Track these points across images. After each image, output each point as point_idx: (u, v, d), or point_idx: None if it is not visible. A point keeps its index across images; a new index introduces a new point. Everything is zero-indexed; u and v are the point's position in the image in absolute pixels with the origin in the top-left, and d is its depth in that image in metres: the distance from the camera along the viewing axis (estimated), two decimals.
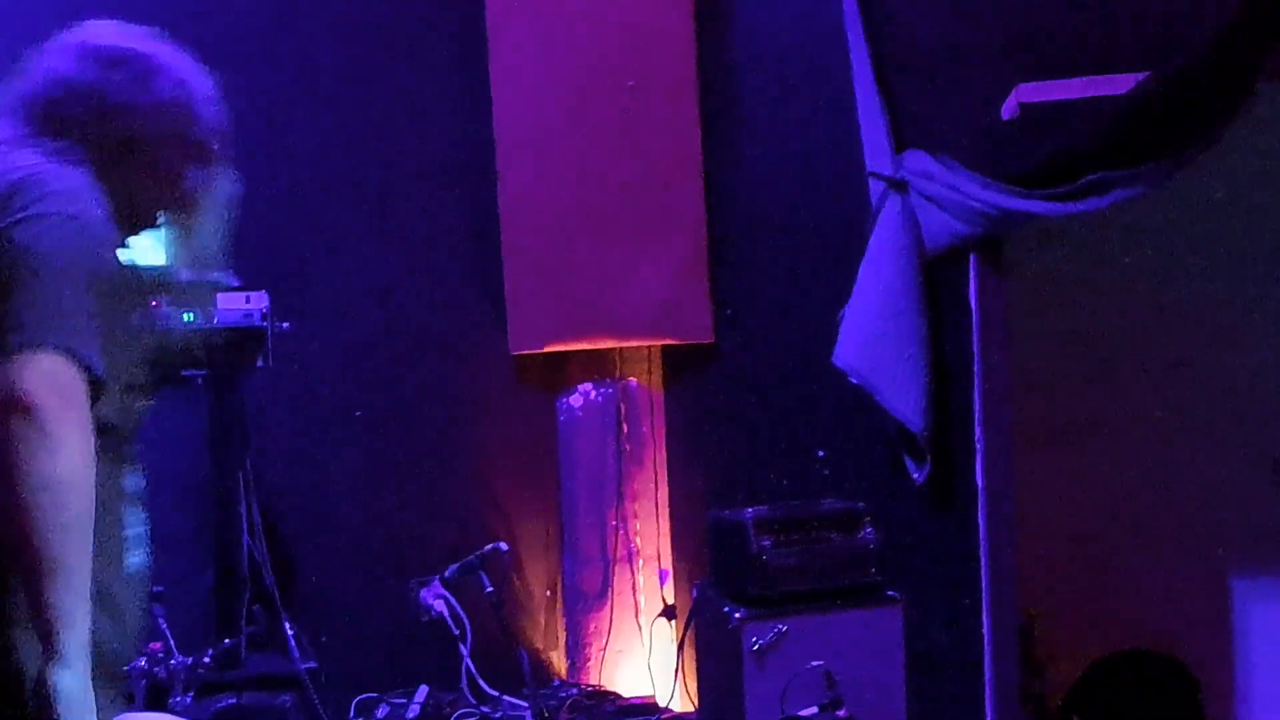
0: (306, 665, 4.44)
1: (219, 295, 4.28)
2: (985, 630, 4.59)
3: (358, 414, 5.08)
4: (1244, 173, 4.99)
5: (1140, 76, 4.07)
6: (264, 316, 4.35)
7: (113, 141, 2.33)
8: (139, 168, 2.37)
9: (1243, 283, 5.16)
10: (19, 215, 2.08)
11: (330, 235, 5.07)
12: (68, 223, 2.10)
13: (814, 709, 4.08)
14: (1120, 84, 4.14)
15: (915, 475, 4.64)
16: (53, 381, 1.93)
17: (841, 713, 4.05)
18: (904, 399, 4.54)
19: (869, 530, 4.55)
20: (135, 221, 2.38)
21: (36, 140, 2.27)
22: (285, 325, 4.50)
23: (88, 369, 1.97)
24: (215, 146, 2.48)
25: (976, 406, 4.56)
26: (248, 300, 4.33)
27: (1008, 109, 4.40)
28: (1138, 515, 5.36)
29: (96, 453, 2.01)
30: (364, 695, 4.84)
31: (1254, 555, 5.25)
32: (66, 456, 1.90)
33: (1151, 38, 4.19)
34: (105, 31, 2.42)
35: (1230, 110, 3.95)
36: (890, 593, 4.51)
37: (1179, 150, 4.01)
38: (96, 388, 2.01)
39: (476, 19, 5.04)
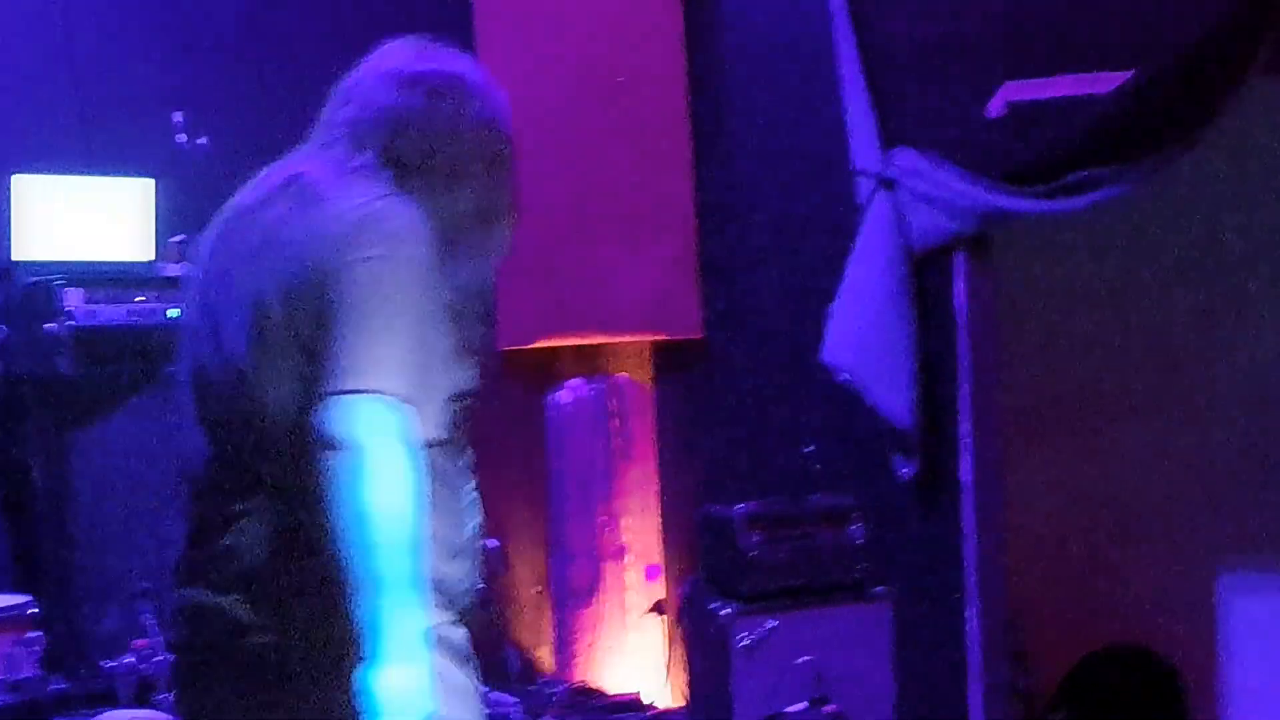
0: None
1: None
2: (972, 625, 4.60)
3: None
4: (1234, 172, 5.00)
5: (1126, 75, 4.08)
6: None
7: (441, 169, 2.47)
8: (464, 191, 2.50)
9: (1229, 281, 5.18)
10: (358, 255, 2.21)
11: None
12: (401, 266, 2.23)
13: (802, 704, 4.09)
14: (1107, 82, 4.14)
15: (903, 471, 4.65)
16: (374, 423, 2.11)
17: (829, 708, 4.07)
18: (892, 395, 4.55)
19: (857, 526, 4.57)
20: (454, 243, 2.44)
21: (370, 171, 2.40)
22: None
23: (405, 405, 2.14)
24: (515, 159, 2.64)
25: (964, 403, 4.57)
26: None
27: (995, 107, 4.41)
28: (1125, 512, 5.37)
29: (436, 456, 2.25)
30: None
31: (1240, 551, 5.27)
32: (386, 490, 2.10)
33: (1138, 36, 4.20)
34: (416, 56, 2.62)
35: (1214, 109, 3.96)
36: (878, 588, 4.52)
37: (1164, 149, 4.02)
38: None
39: (464, 14, 5.03)
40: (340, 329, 2.16)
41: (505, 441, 5.32)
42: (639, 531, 5.41)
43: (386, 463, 2.11)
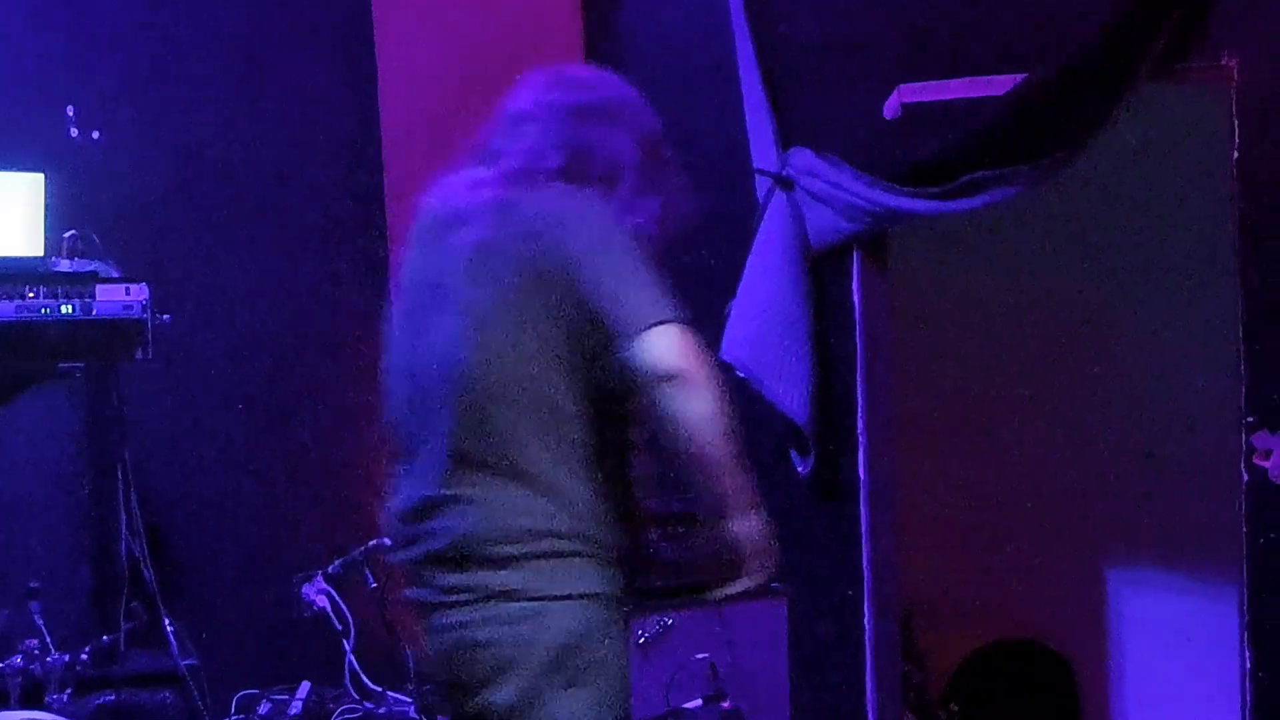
0: (187, 662, 4.38)
1: (98, 286, 4.22)
2: (867, 621, 4.65)
3: (240, 408, 5.02)
4: (1120, 175, 5.09)
5: (1019, 78, 4.15)
6: (144, 308, 4.29)
7: (618, 178, 2.80)
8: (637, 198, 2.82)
9: (1118, 280, 5.28)
10: (595, 230, 2.61)
11: (213, 226, 5.00)
12: (612, 227, 2.64)
13: (698, 701, 4.11)
14: (1000, 85, 4.21)
15: (800, 468, 4.68)
16: (684, 347, 2.47)
17: (725, 704, 4.09)
18: (789, 392, 4.58)
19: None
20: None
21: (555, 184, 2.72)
22: (166, 318, 4.44)
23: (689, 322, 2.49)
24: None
25: (859, 400, 4.62)
26: (127, 292, 4.26)
27: (890, 108, 4.46)
28: (1016, 508, 5.46)
29: None
30: (245, 692, 4.78)
31: (1128, 546, 5.38)
32: (714, 406, 2.47)
33: (1032, 40, 4.27)
34: (580, 84, 2.95)
35: (1105, 113, 4.04)
36: (774, 585, 4.55)
37: (1054, 151, 4.09)
38: None
39: (363, 7, 5.00)
40: (614, 286, 2.53)
41: None
42: None
43: (707, 381, 2.46)
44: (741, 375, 4.65)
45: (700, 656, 4.22)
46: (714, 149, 4.88)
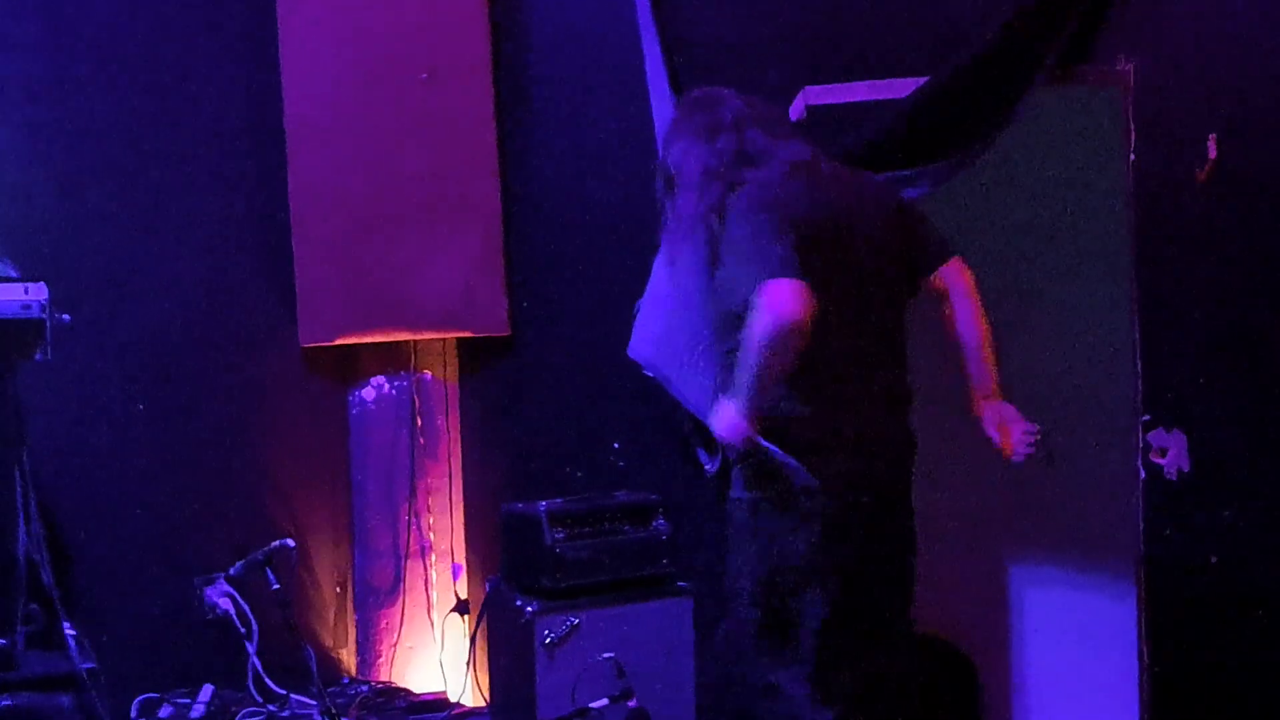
0: (85, 665, 4.33)
1: None
2: None
3: (141, 407, 4.96)
4: (1020, 173, 5.15)
5: (921, 81, 4.19)
6: (43, 308, 4.22)
7: None
8: None
9: (1016, 279, 5.33)
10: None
11: (112, 224, 4.94)
12: None
13: (604, 700, 4.11)
14: (903, 88, 4.25)
15: (708, 467, 4.69)
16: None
17: (632, 703, 4.09)
18: (696, 391, 4.58)
19: (661, 522, 4.62)
20: None
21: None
22: (65, 317, 4.38)
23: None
24: None
25: None
26: (26, 291, 4.20)
27: (796, 110, 4.48)
28: (920, 504, 5.50)
29: None
30: (146, 695, 4.74)
31: (1028, 543, 5.43)
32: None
33: (935, 44, 4.31)
34: None
35: (1004, 115, 4.09)
36: (681, 584, 4.57)
37: (955, 152, 4.14)
38: None
39: (268, 7, 4.96)
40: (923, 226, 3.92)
41: (306, 439, 5.27)
42: (443, 530, 5.38)
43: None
44: (649, 374, 4.66)
45: (606, 656, 4.23)
46: (620, 147, 4.89)
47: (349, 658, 5.35)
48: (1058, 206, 5.13)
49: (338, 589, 5.32)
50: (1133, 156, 4.10)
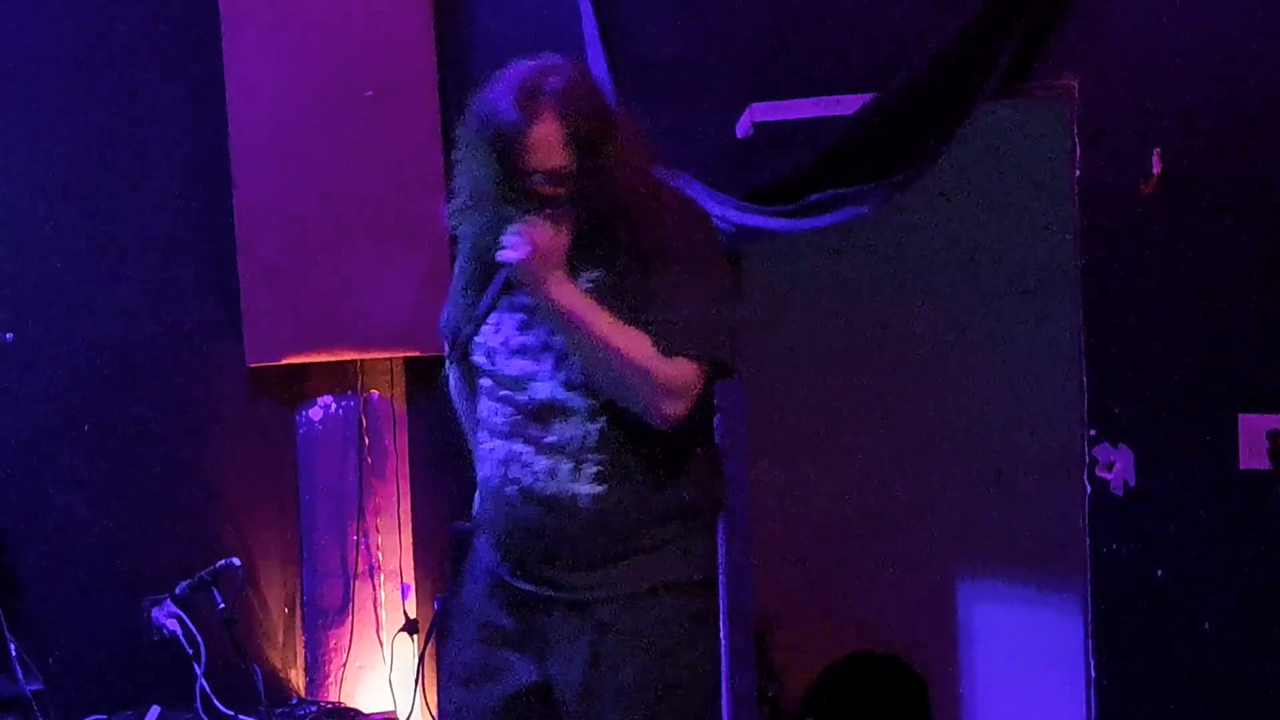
0: (31, 687, 4.29)
1: None
2: (722, 637, 4.66)
3: (86, 428, 4.92)
4: (973, 187, 5.18)
5: (867, 98, 4.20)
6: None
7: None
8: None
9: (963, 295, 5.35)
10: None
11: (55, 243, 4.89)
12: None
13: None
14: (850, 105, 4.27)
15: None
16: None
17: None
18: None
19: None
20: None
21: None
22: (9, 337, 4.34)
23: None
24: None
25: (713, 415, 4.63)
26: None
27: (742, 127, 4.49)
28: (870, 521, 5.52)
29: None
30: (93, 717, 4.69)
31: (976, 559, 5.45)
32: None
33: (880, 60, 4.32)
34: None
35: (950, 131, 4.11)
36: None
37: (902, 169, 4.15)
38: None
39: (210, 18, 4.93)
40: None
41: (253, 459, 5.23)
42: (391, 550, 5.35)
43: None
44: None
45: None
46: None
47: (298, 678, 5.31)
48: (1002, 223, 5.17)
49: (285, 609, 5.28)
50: (1078, 171, 4.13)
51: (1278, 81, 3.85)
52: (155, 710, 4.72)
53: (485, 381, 3.16)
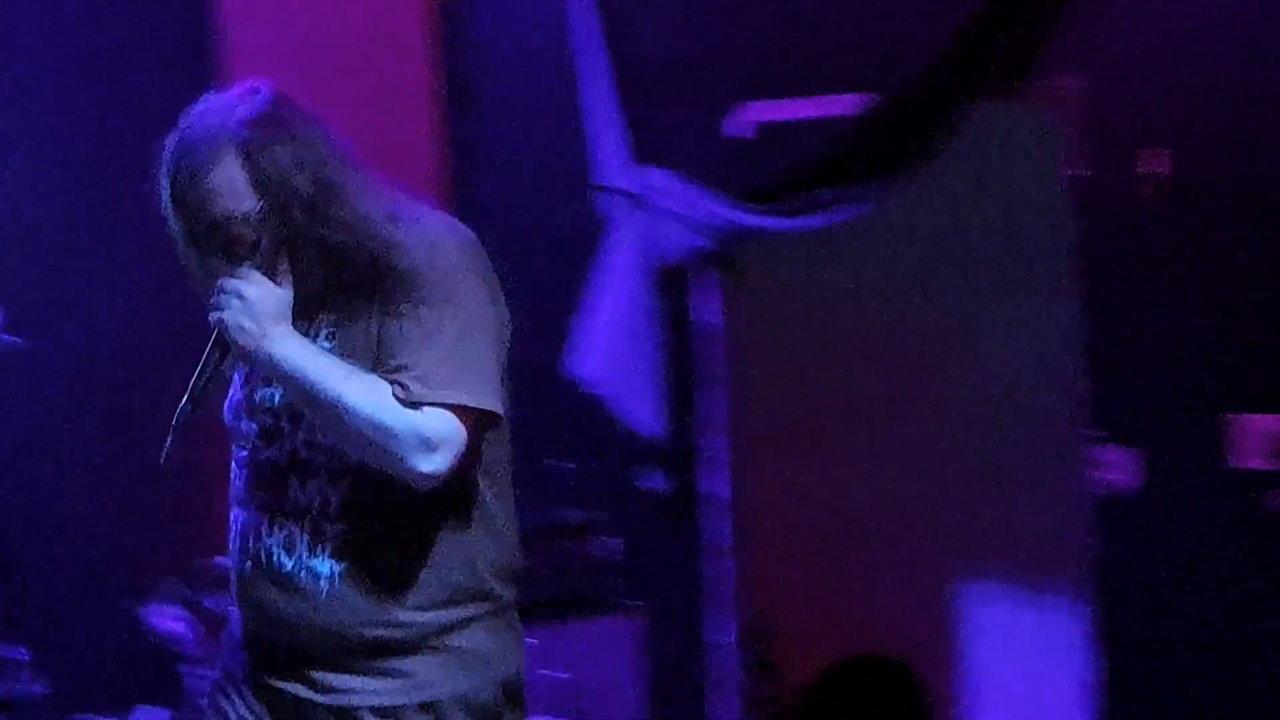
0: (36, 689, 4.29)
1: None
2: (719, 637, 4.66)
3: (89, 427, 4.92)
4: (971, 186, 5.16)
5: (864, 98, 4.19)
6: None
7: None
8: None
9: (962, 294, 5.34)
10: None
11: (66, 247, 4.90)
12: None
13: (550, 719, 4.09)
14: (847, 104, 4.26)
15: (651, 484, 4.68)
16: None
17: None
18: (640, 408, 4.58)
19: (610, 540, 4.58)
20: None
21: None
22: (17, 340, 4.35)
23: None
24: None
25: (713, 415, 4.63)
26: None
27: (741, 127, 4.49)
28: (869, 522, 5.50)
29: None
30: (98, 718, 4.69)
31: (976, 560, 5.43)
32: None
33: (878, 60, 4.31)
34: None
35: (948, 131, 4.10)
36: (628, 602, 4.54)
37: (900, 168, 4.14)
38: None
39: (210, 19, 4.93)
40: None
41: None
42: None
43: None
44: (592, 392, 4.65)
45: (555, 674, 4.20)
46: (564, 164, 4.87)
47: None
48: (1002, 222, 5.15)
49: None
50: (1077, 171, 4.12)
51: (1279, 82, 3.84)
52: (164, 713, 4.71)
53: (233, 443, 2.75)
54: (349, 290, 2.50)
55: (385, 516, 2.48)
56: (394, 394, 2.40)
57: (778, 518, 5.16)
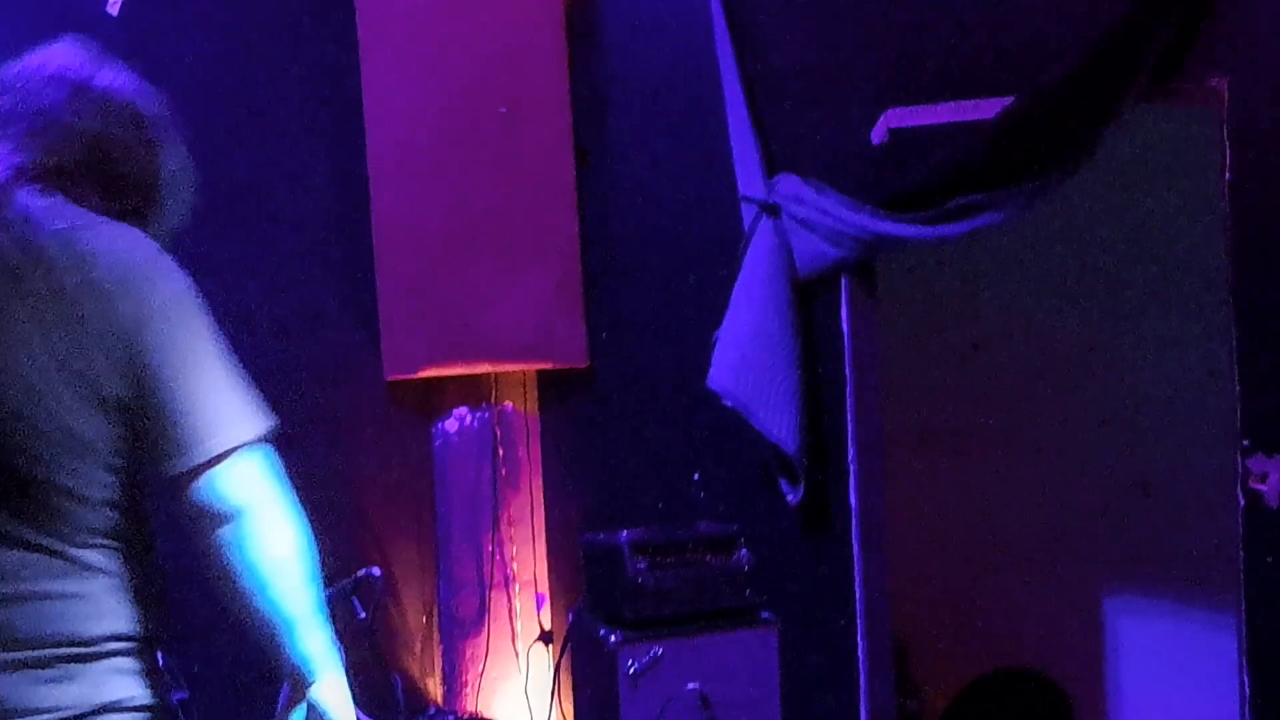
0: (178, 695, 4.34)
1: None
2: (860, 651, 4.61)
3: None
4: (1114, 199, 5.07)
5: (1006, 102, 4.12)
6: None
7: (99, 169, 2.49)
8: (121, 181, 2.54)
9: (1109, 304, 5.25)
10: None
11: (196, 259, 4.96)
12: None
13: None
14: (987, 109, 4.19)
15: (789, 497, 4.65)
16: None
17: None
18: (777, 421, 4.55)
19: (744, 552, 4.55)
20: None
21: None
22: None
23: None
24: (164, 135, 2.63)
25: (849, 428, 4.59)
26: None
27: (878, 133, 4.44)
28: (1011, 535, 5.43)
29: None
30: None
31: (1123, 574, 5.34)
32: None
33: (1020, 64, 4.25)
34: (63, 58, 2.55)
35: (1093, 136, 4.01)
36: (765, 614, 4.51)
37: (1043, 175, 4.06)
38: None
39: (348, 40, 4.98)
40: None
41: (391, 470, 5.27)
42: (526, 560, 5.37)
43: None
44: (729, 404, 4.63)
45: (691, 687, 4.18)
46: (699, 176, 4.87)
47: (435, 687, 5.34)
48: (1150, 229, 5.06)
49: (424, 619, 5.32)
50: (1229, 176, 4.01)
51: None
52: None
53: None
54: None
55: None
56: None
57: (920, 530, 5.11)
